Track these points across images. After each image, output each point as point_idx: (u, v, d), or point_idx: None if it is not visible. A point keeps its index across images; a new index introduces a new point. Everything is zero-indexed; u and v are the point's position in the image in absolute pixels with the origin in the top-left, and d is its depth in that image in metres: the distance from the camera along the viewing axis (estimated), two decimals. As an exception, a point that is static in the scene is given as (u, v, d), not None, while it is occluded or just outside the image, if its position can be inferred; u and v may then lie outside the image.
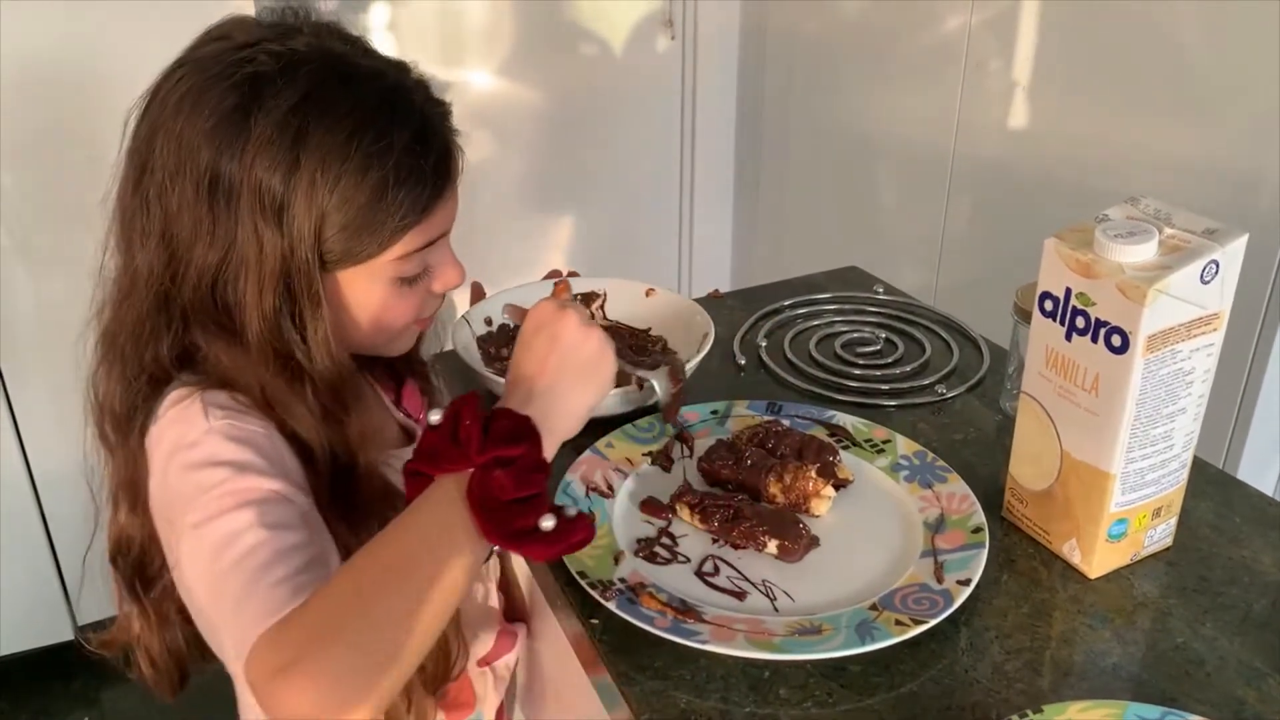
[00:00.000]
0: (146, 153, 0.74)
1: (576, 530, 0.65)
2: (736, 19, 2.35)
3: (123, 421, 0.78)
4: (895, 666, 0.73)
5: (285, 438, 0.75)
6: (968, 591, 0.76)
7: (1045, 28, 1.58)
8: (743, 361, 1.13)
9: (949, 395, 1.06)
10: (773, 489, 0.88)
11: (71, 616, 1.89)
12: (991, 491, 0.88)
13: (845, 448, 0.94)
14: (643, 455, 0.95)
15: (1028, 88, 1.62)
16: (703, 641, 0.72)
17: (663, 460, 0.94)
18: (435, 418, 0.66)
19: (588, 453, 0.93)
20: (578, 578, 0.79)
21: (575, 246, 2.46)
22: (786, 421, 0.97)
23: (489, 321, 1.13)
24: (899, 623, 0.74)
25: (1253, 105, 1.28)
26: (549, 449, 0.68)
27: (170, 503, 0.72)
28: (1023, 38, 1.61)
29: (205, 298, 0.75)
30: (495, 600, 1.01)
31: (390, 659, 0.59)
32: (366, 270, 0.77)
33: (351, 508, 0.77)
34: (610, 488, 0.90)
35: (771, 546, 0.82)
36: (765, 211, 2.46)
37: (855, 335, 1.18)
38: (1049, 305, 0.78)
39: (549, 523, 0.63)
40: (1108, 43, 1.47)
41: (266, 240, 0.72)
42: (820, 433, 0.96)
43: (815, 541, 0.84)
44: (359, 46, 0.78)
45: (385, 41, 2.08)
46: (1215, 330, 0.75)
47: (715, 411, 1.00)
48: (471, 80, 2.20)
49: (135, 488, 0.79)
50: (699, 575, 0.81)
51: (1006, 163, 1.69)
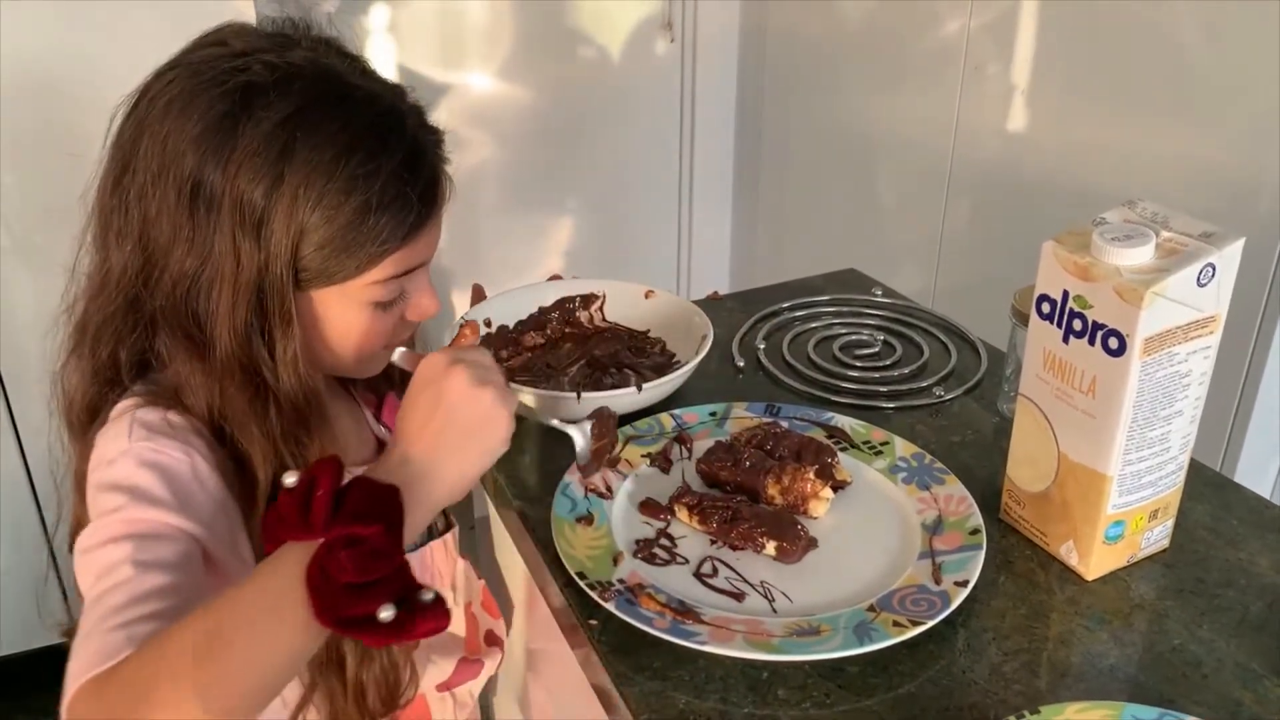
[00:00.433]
0: (130, 153, 0.73)
1: (422, 622, 0.59)
2: (736, 21, 2.36)
3: (83, 415, 0.78)
4: (893, 667, 0.73)
5: (221, 462, 0.73)
6: (965, 593, 0.77)
7: (1044, 30, 1.58)
8: (741, 363, 1.13)
9: (947, 397, 1.06)
10: (771, 490, 0.88)
11: (70, 617, 1.89)
12: (989, 493, 0.89)
13: (843, 449, 0.95)
14: (642, 456, 0.95)
15: (1026, 90, 1.63)
16: (701, 642, 0.73)
17: (661, 461, 0.94)
18: (290, 480, 0.62)
19: (587, 454, 0.93)
20: (577, 579, 0.79)
21: (574, 248, 2.46)
22: (785, 423, 0.97)
23: (488, 323, 1.13)
24: (897, 624, 0.74)
25: (1251, 108, 1.28)
26: (419, 521, 0.65)
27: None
28: (1022, 40, 1.61)
29: (177, 305, 0.73)
30: (461, 628, 0.99)
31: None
32: (341, 292, 0.76)
33: None
34: (609, 489, 0.90)
35: (770, 548, 0.83)
36: (764, 213, 2.47)
37: (853, 337, 1.18)
38: (1046, 308, 0.78)
39: (387, 613, 0.58)
40: (1106, 46, 1.47)
41: (244, 252, 0.71)
42: (818, 434, 0.96)
43: (813, 543, 0.84)
44: (357, 66, 0.77)
45: (385, 43, 2.08)
46: (1212, 333, 0.76)
47: (714, 413, 1.01)
48: (471, 82, 2.20)
49: (84, 481, 0.77)
50: (698, 576, 0.81)
51: (1005, 165, 1.69)
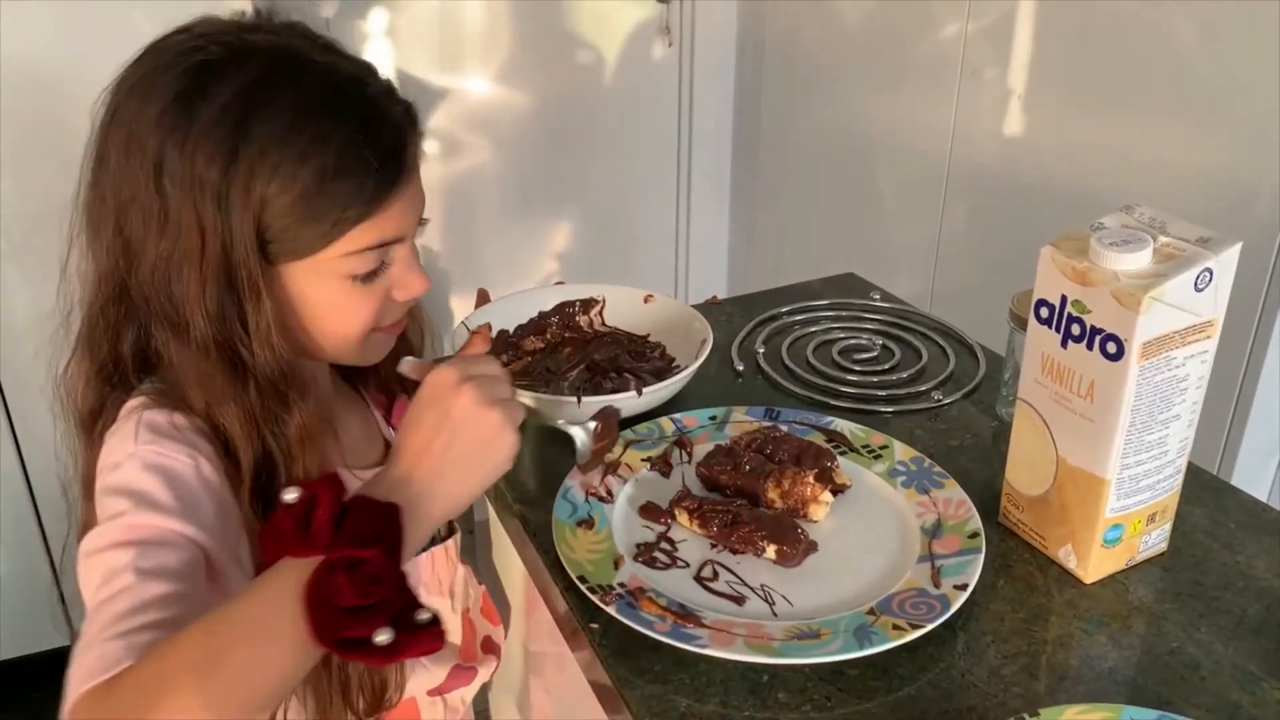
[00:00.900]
0: (104, 144, 0.74)
1: (418, 643, 0.60)
2: (733, 25, 2.36)
3: (87, 419, 0.78)
4: (893, 670, 0.73)
5: (227, 465, 0.74)
6: (964, 596, 0.77)
7: (1041, 34, 1.59)
8: (741, 367, 1.13)
9: (945, 402, 1.06)
10: (771, 494, 0.88)
11: (68, 622, 1.89)
12: (988, 497, 0.89)
13: (843, 453, 0.95)
14: (642, 460, 0.95)
15: (1024, 94, 1.63)
16: (702, 646, 0.73)
17: (661, 465, 0.95)
18: (290, 496, 0.61)
19: (587, 458, 0.94)
20: (578, 582, 0.79)
21: (572, 252, 2.46)
22: (784, 427, 0.98)
23: (488, 328, 1.13)
24: (896, 627, 0.74)
25: (1248, 112, 1.28)
26: (417, 539, 0.65)
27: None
28: (1019, 44, 1.62)
29: (157, 291, 0.73)
30: (457, 635, 0.98)
31: None
32: (313, 265, 0.75)
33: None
34: (609, 493, 0.91)
35: (770, 551, 0.83)
36: (762, 218, 2.47)
37: (852, 342, 1.19)
38: (1045, 312, 0.79)
39: (384, 637, 0.58)
40: (1103, 49, 1.48)
41: (208, 228, 0.71)
42: (818, 438, 0.97)
43: (813, 546, 0.84)
44: (319, 44, 0.76)
45: (383, 47, 2.09)
46: (1209, 337, 0.76)
47: (714, 417, 1.01)
48: (469, 86, 2.20)
49: (92, 484, 0.77)
50: (698, 580, 0.82)
51: (1003, 169, 1.70)
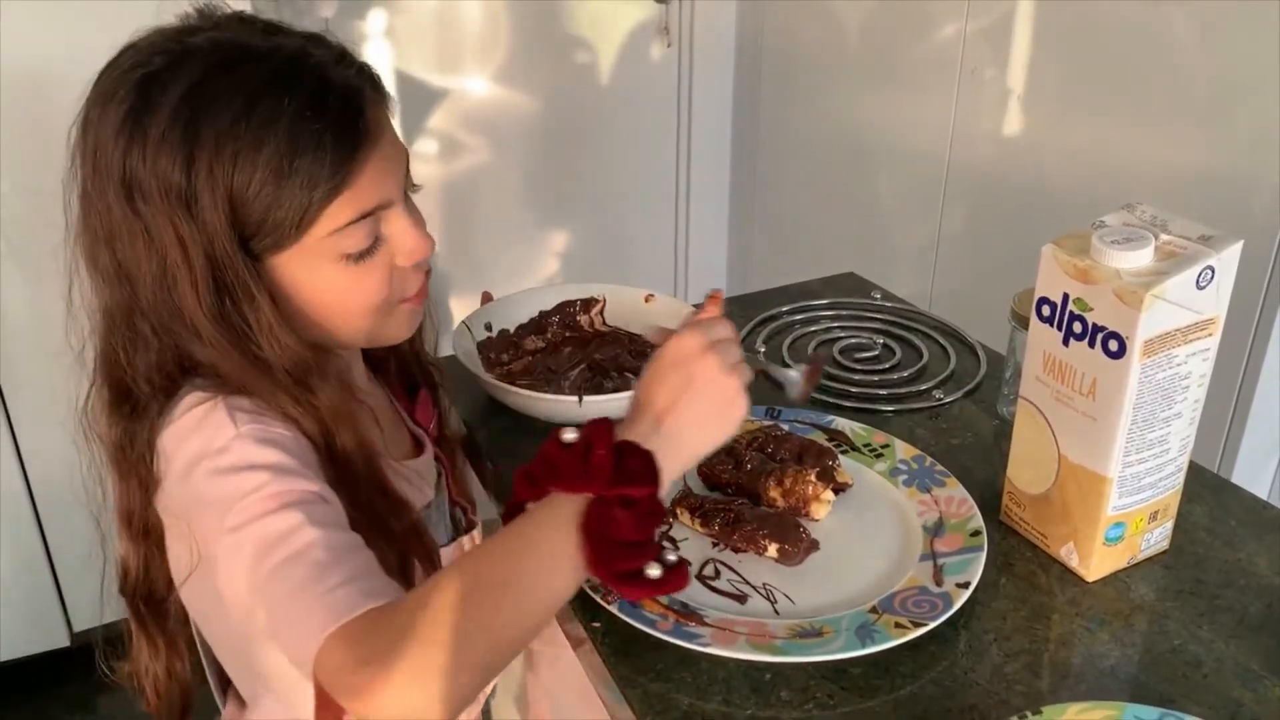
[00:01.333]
0: (80, 176, 0.74)
1: (675, 579, 0.66)
2: (732, 25, 2.36)
3: (116, 453, 0.77)
4: (895, 669, 0.73)
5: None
6: (967, 594, 0.77)
7: (1040, 35, 1.59)
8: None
9: (947, 400, 1.06)
10: (772, 493, 0.88)
11: (67, 623, 1.88)
12: (989, 495, 0.89)
13: (844, 452, 0.95)
14: (643, 460, 0.95)
15: (1023, 95, 1.63)
16: (704, 644, 0.73)
17: (663, 465, 0.95)
18: (570, 436, 0.66)
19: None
20: (580, 581, 0.79)
21: (571, 252, 2.46)
22: (786, 426, 0.98)
23: (489, 327, 1.13)
24: (899, 625, 0.74)
25: (1248, 112, 1.29)
26: (663, 488, 0.67)
27: (192, 509, 0.71)
28: (1018, 45, 1.62)
29: (163, 308, 0.73)
30: None
31: (478, 667, 0.60)
32: (302, 251, 0.74)
33: (346, 491, 0.75)
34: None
35: (772, 550, 0.83)
36: (761, 218, 2.47)
37: (853, 341, 1.19)
38: (1046, 310, 0.79)
39: (655, 571, 0.64)
40: (1103, 50, 1.48)
41: (186, 237, 0.71)
42: (819, 437, 0.97)
43: (815, 545, 0.84)
44: (259, 27, 0.75)
45: (383, 48, 2.09)
46: (1211, 335, 0.76)
47: (714, 416, 1.01)
48: (469, 86, 2.20)
49: (129, 518, 0.78)
50: (700, 579, 0.82)
51: (1002, 170, 1.70)
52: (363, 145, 0.74)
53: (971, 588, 0.77)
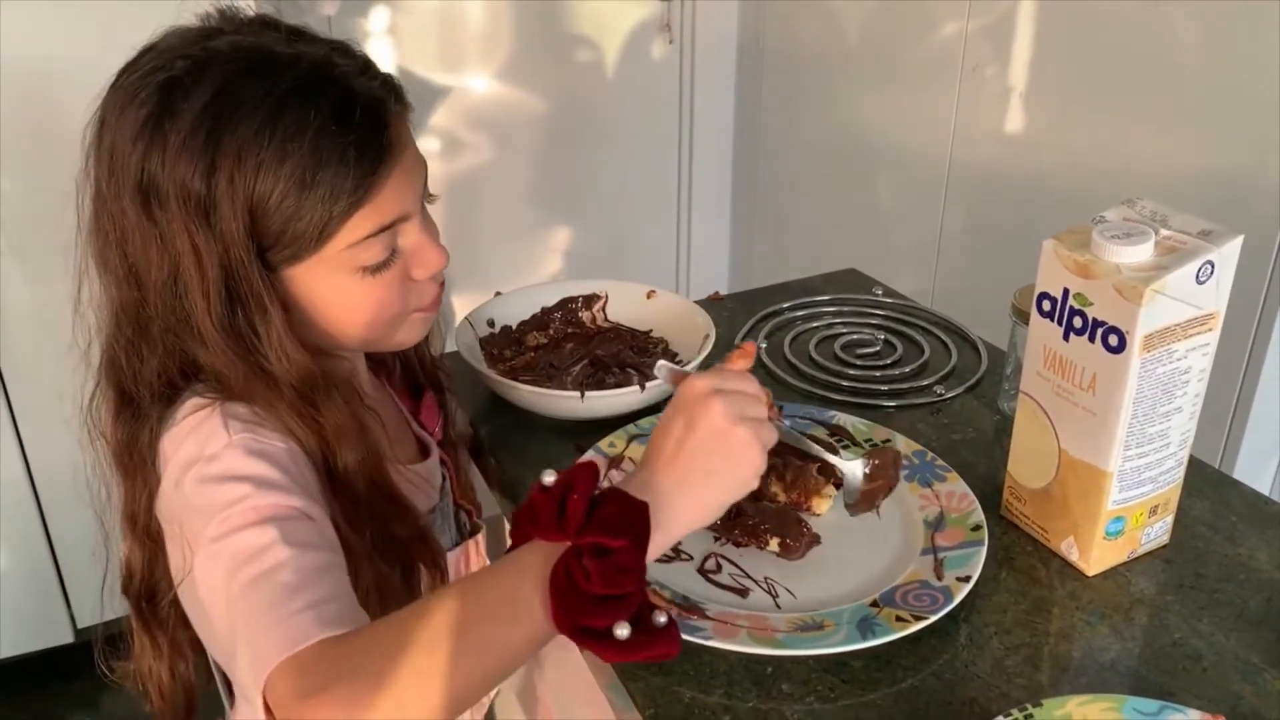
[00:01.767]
0: (94, 176, 0.74)
1: (655, 644, 0.59)
2: (734, 23, 2.37)
3: (121, 453, 0.77)
4: (896, 662, 0.73)
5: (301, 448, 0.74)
6: (967, 588, 0.77)
7: (1041, 33, 1.59)
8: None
9: (948, 396, 1.07)
10: (774, 488, 0.89)
11: (71, 619, 1.89)
12: (990, 490, 0.89)
13: (846, 447, 0.95)
14: (645, 455, 0.95)
15: (1024, 93, 1.63)
16: (706, 638, 0.73)
17: (665, 460, 0.95)
18: (549, 479, 0.62)
19: (591, 452, 0.94)
20: (582, 575, 0.79)
21: (573, 249, 2.47)
22: (787, 421, 0.98)
23: (491, 323, 1.14)
24: (900, 619, 0.75)
25: (1248, 109, 1.29)
26: (659, 545, 0.63)
27: (183, 513, 0.71)
28: (1019, 43, 1.62)
29: (171, 313, 0.73)
30: None
31: (425, 709, 0.57)
32: (321, 264, 0.74)
33: (346, 507, 0.75)
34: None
35: (773, 544, 0.83)
36: (763, 215, 2.47)
37: (854, 337, 1.19)
38: (1047, 305, 0.79)
39: (623, 631, 0.58)
40: (1104, 48, 1.48)
41: (201, 246, 0.70)
42: (821, 432, 0.97)
43: (816, 539, 0.85)
44: (283, 33, 0.74)
45: (385, 46, 2.09)
46: (1211, 330, 0.76)
47: (716, 412, 1.01)
48: (471, 84, 2.20)
49: (134, 519, 0.78)
50: (701, 573, 0.82)
51: (1003, 167, 1.70)
52: (385, 160, 0.73)
53: (972, 582, 0.78)
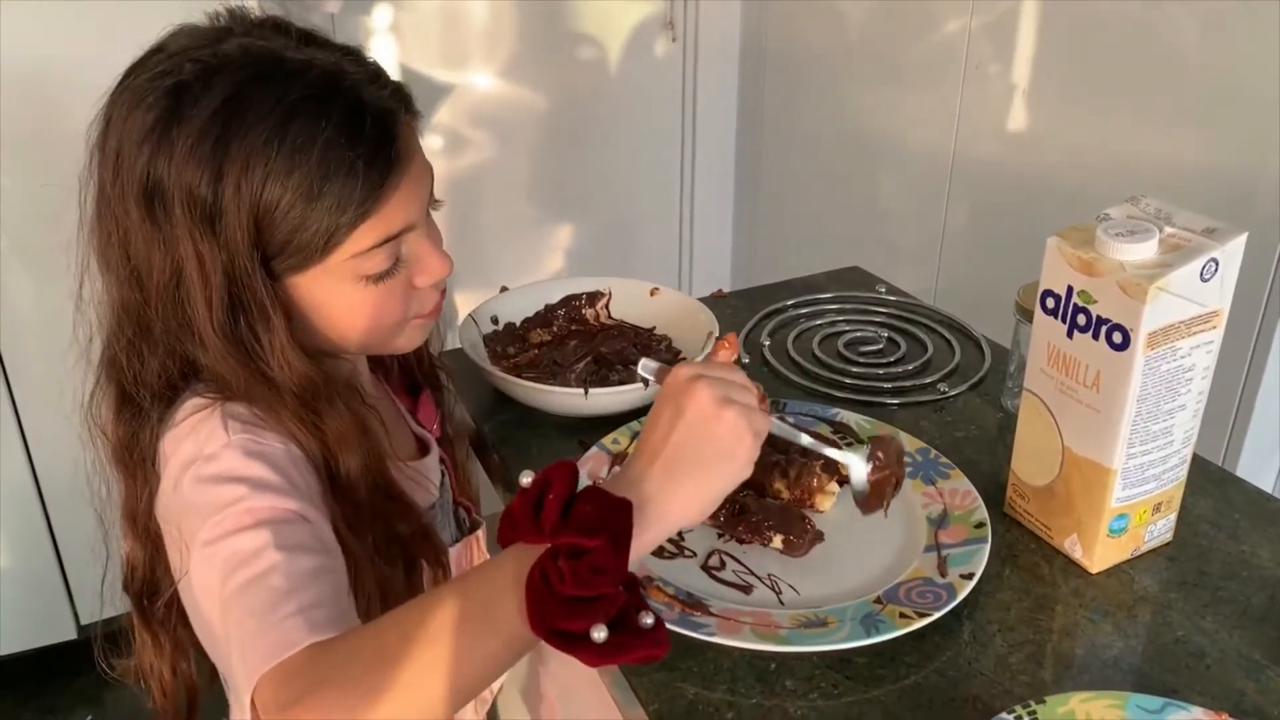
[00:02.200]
0: (98, 175, 0.73)
1: (638, 647, 0.57)
2: (737, 21, 2.37)
3: (121, 451, 0.77)
4: (900, 659, 0.74)
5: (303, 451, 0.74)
6: (971, 585, 0.77)
7: (1044, 31, 1.59)
8: (746, 360, 1.14)
9: (951, 393, 1.07)
10: (777, 485, 0.89)
11: (74, 615, 1.89)
12: (993, 487, 0.89)
13: (849, 445, 0.95)
14: (648, 452, 0.95)
15: (1027, 90, 1.63)
16: (710, 634, 0.73)
17: (668, 457, 0.95)
18: (526, 480, 0.60)
19: (594, 449, 0.94)
20: (586, 572, 0.80)
21: (576, 247, 2.47)
22: (790, 419, 0.98)
23: (495, 320, 1.14)
24: (903, 616, 0.75)
25: (1250, 108, 1.29)
26: (648, 542, 0.62)
27: (180, 513, 0.71)
28: (1022, 41, 1.62)
29: (173, 317, 0.73)
30: None
31: (407, 711, 0.56)
32: (325, 272, 0.73)
33: (348, 511, 0.75)
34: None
35: (777, 541, 0.83)
36: (766, 213, 2.47)
37: (858, 334, 1.19)
38: (1051, 303, 0.79)
39: (600, 634, 0.56)
40: (1106, 46, 1.48)
41: (205, 252, 0.70)
42: (824, 430, 0.97)
43: (820, 536, 0.85)
44: (294, 38, 0.74)
45: (388, 43, 2.09)
46: (1215, 328, 0.76)
47: (720, 409, 1.01)
48: (474, 82, 2.21)
49: (134, 517, 0.78)
50: (705, 569, 0.82)
51: (1006, 165, 1.70)
52: (393, 172, 0.73)
53: (976, 579, 0.78)
